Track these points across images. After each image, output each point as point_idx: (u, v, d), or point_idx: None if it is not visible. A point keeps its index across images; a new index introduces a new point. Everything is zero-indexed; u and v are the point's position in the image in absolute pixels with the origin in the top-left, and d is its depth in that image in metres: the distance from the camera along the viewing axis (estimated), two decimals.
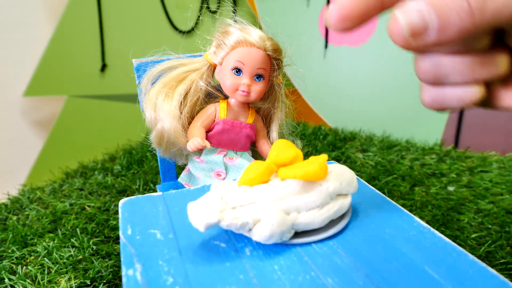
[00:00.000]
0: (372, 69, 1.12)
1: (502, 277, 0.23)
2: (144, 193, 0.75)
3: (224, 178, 0.42)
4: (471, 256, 0.25)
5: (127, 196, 0.75)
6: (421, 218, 0.66)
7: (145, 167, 0.87)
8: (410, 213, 0.30)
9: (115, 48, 1.28)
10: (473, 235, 0.61)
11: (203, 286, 0.23)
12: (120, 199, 0.74)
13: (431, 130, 1.06)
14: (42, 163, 1.16)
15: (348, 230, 0.28)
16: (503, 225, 0.63)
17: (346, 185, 0.28)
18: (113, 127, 1.29)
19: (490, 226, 0.63)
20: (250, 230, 0.25)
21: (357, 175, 0.81)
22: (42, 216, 0.69)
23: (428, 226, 0.28)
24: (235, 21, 0.42)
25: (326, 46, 1.15)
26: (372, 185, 0.75)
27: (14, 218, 0.69)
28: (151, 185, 0.78)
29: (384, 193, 0.73)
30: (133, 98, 1.35)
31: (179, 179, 0.45)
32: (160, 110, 0.41)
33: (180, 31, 1.24)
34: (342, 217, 0.29)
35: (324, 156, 0.28)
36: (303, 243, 0.26)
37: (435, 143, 1.00)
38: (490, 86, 0.22)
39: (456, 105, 0.21)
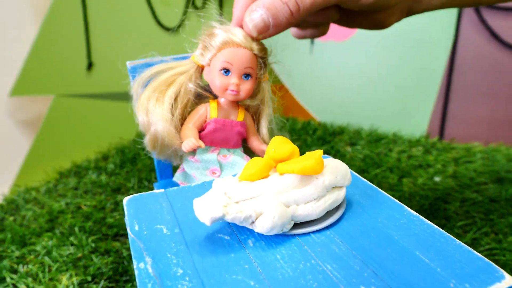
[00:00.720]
0: (359, 63, 1.15)
1: (486, 259, 0.25)
2: (139, 191, 0.76)
3: (219, 176, 0.43)
4: (457, 241, 0.27)
5: (122, 194, 0.77)
6: (410, 208, 0.68)
7: (139, 165, 0.88)
8: (400, 203, 0.32)
9: (101, 46, 1.27)
10: (459, 223, 0.63)
11: (211, 276, 0.25)
12: (115, 197, 0.75)
13: (416, 123, 1.09)
14: (31, 163, 1.15)
15: (343, 220, 0.30)
16: (487, 213, 0.66)
17: (340, 178, 0.30)
18: (103, 125, 1.28)
19: (475, 215, 0.66)
20: (252, 222, 0.27)
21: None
22: (39, 216, 0.70)
23: (417, 214, 0.30)
24: (220, 22, 0.43)
25: (312, 41, 1.17)
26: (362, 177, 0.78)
27: (11, 218, 0.70)
28: (146, 183, 0.80)
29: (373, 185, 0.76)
30: (122, 96, 1.35)
31: (174, 179, 0.46)
32: (152, 114, 0.42)
33: (166, 28, 1.24)
34: (337, 208, 0.30)
35: (319, 151, 0.29)
36: (302, 233, 0.28)
37: (421, 135, 1.03)
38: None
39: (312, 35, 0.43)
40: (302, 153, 0.31)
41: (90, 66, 1.30)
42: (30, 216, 0.70)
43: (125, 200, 0.34)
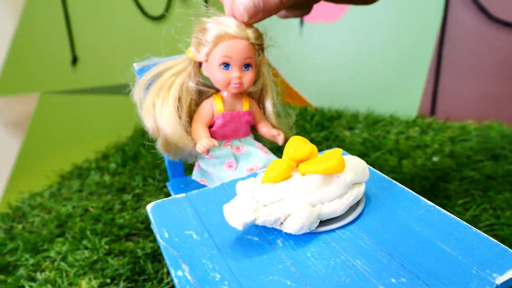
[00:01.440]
0: (349, 44, 1.15)
1: (502, 245, 0.27)
2: (145, 189, 0.77)
3: (235, 168, 0.44)
4: (474, 229, 0.28)
5: (128, 193, 0.77)
6: (412, 189, 0.70)
7: (141, 163, 0.89)
8: (416, 194, 0.33)
9: (85, 39, 1.25)
10: (459, 201, 0.66)
11: (248, 278, 0.26)
12: (121, 197, 0.75)
13: (409, 101, 1.10)
14: (22, 165, 1.14)
15: (364, 215, 0.31)
16: (485, 190, 0.69)
17: (360, 174, 0.31)
18: (96, 122, 1.27)
19: (474, 192, 0.68)
20: (281, 223, 0.28)
21: (348, 153, 0.85)
22: (47, 222, 0.70)
23: (433, 205, 0.32)
24: (208, 14, 0.42)
25: (301, 23, 1.16)
26: None
27: (20, 226, 0.70)
28: (151, 180, 0.80)
29: (375, 168, 0.77)
30: (112, 90, 1.33)
31: (193, 177, 0.46)
32: (160, 120, 0.42)
33: (150, 17, 1.23)
34: (358, 203, 0.32)
35: (339, 150, 0.31)
36: (328, 230, 0.30)
37: (416, 116, 1.05)
38: None
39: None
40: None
41: (75, 60, 1.27)
42: (39, 222, 0.71)
43: (149, 207, 0.35)
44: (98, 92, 1.30)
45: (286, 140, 0.48)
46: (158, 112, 0.42)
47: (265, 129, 0.48)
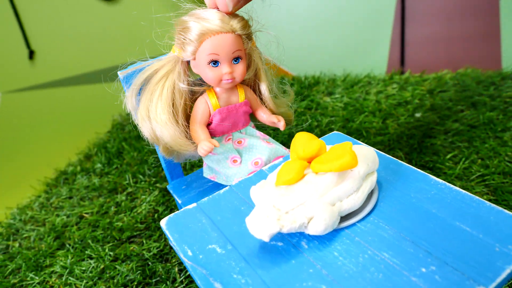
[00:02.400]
0: (315, 7, 1.13)
1: None
2: (137, 187, 0.76)
3: (240, 162, 0.43)
4: (487, 203, 0.30)
5: (120, 193, 0.76)
6: (400, 150, 0.72)
7: (127, 159, 0.87)
8: (424, 173, 0.34)
9: (39, 31, 1.19)
10: (448, 156, 0.68)
11: None
12: (115, 198, 0.74)
13: (380, 56, 1.11)
14: (2, 177, 1.10)
15: (380, 202, 0.32)
16: (470, 140, 0.71)
17: (371, 163, 0.31)
18: (69, 117, 1.22)
19: (460, 144, 0.71)
20: (305, 227, 0.28)
21: (331, 120, 0.86)
22: (44, 235, 0.69)
23: (444, 182, 0.33)
24: (184, 10, 0.40)
25: None
26: (348, 128, 0.81)
27: (16, 244, 0.68)
28: (141, 177, 0.79)
29: (362, 134, 0.79)
30: (78, 80, 1.28)
31: (204, 175, 0.46)
32: (157, 129, 0.41)
33: None
34: (372, 192, 0.32)
35: (349, 144, 0.31)
36: (349, 225, 0.30)
37: (387, 69, 1.07)
38: None
39: None
40: None
41: (31, 54, 1.22)
42: (35, 237, 0.69)
43: (163, 224, 0.34)
44: (64, 84, 1.25)
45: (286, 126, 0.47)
46: (154, 121, 0.40)
47: (264, 116, 0.47)
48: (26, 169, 0.95)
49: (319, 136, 0.80)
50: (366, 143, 0.75)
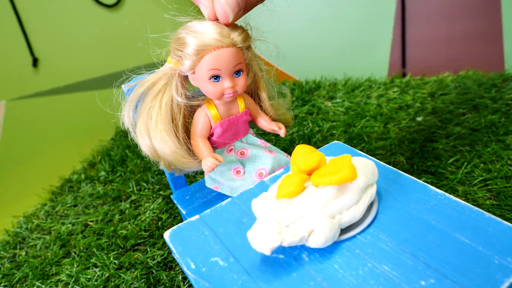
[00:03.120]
0: (315, 11, 1.14)
1: None
2: (141, 195, 0.76)
3: (243, 173, 0.43)
4: (486, 214, 0.30)
5: (124, 201, 0.77)
6: (402, 154, 0.72)
7: (130, 166, 0.87)
8: (423, 183, 0.34)
9: (42, 38, 1.20)
10: (450, 160, 0.68)
11: None
12: (119, 206, 0.75)
13: (380, 58, 1.11)
14: (8, 185, 1.11)
15: (380, 214, 0.32)
16: (472, 144, 0.71)
17: (371, 176, 0.32)
18: (73, 124, 1.23)
19: (462, 148, 0.71)
20: (306, 240, 0.29)
21: (333, 125, 0.86)
22: (50, 243, 0.69)
23: (443, 192, 0.33)
24: (179, 25, 0.38)
25: None
26: (350, 133, 0.81)
27: (23, 253, 0.69)
28: (144, 184, 0.80)
29: (363, 139, 0.79)
30: (82, 86, 1.29)
31: (206, 184, 0.46)
32: (157, 147, 0.40)
33: (105, 5, 1.19)
34: (372, 203, 0.33)
35: (348, 156, 0.31)
36: (349, 237, 0.30)
37: (388, 72, 1.07)
38: None
39: None
40: None
41: (35, 62, 1.23)
42: (41, 245, 0.70)
43: (167, 236, 0.35)
44: (67, 91, 1.26)
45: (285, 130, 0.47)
46: (154, 139, 0.39)
47: (265, 123, 0.46)
48: (32, 177, 0.96)
49: (320, 142, 0.80)
50: (367, 148, 0.76)
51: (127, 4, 1.28)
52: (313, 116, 0.92)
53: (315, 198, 0.30)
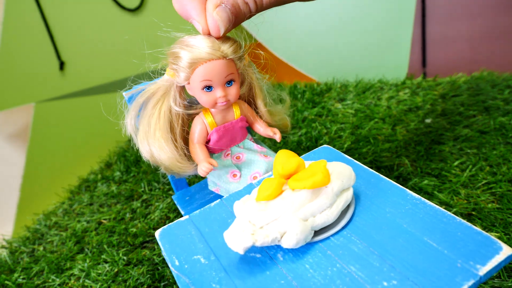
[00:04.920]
0: (333, 11, 1.14)
1: (484, 232, 0.29)
2: (152, 194, 0.80)
3: (240, 176, 0.45)
4: (458, 219, 0.31)
5: (136, 200, 0.80)
6: (407, 157, 0.72)
7: (143, 167, 0.91)
8: (402, 187, 0.35)
9: (68, 43, 1.26)
10: (455, 163, 0.68)
11: None
12: (131, 205, 0.78)
13: (400, 58, 1.10)
14: (30, 184, 1.16)
15: (355, 216, 0.33)
16: (479, 146, 0.71)
17: (346, 180, 0.33)
18: (94, 125, 1.28)
19: (468, 151, 0.70)
20: (279, 241, 0.31)
21: (341, 127, 0.86)
22: (66, 240, 0.74)
23: (419, 197, 0.34)
24: (174, 39, 0.40)
25: None
26: (357, 135, 0.81)
27: (41, 248, 0.73)
28: (155, 184, 0.83)
29: (369, 141, 0.79)
30: (105, 89, 1.35)
31: (209, 187, 0.48)
32: (155, 155, 0.42)
33: (127, 9, 1.23)
34: (348, 206, 0.34)
35: (323, 162, 0.32)
36: (323, 239, 0.32)
37: (408, 72, 1.06)
38: None
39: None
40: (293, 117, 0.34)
41: (62, 65, 1.29)
42: (58, 242, 0.74)
43: (157, 234, 0.37)
44: (91, 93, 1.32)
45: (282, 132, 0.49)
46: (153, 147, 0.42)
47: (261, 129, 0.48)
48: (53, 177, 1.01)
49: (327, 144, 0.81)
50: (373, 150, 0.76)
51: (149, 7, 1.33)
52: (322, 118, 0.93)
53: (290, 201, 0.31)
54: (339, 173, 0.33)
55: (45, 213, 0.85)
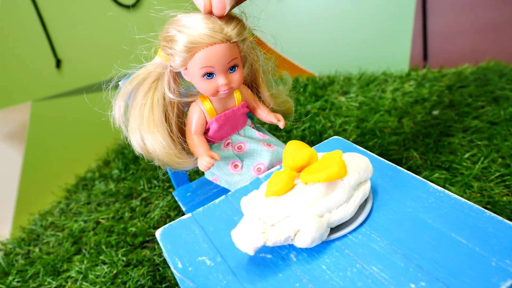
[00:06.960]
0: (331, 7, 1.12)
1: None
2: (151, 192, 0.77)
3: (241, 167, 0.42)
4: (487, 212, 0.28)
5: (135, 198, 0.77)
6: (415, 150, 0.70)
7: (142, 164, 0.88)
8: (423, 179, 0.33)
9: (65, 40, 1.23)
10: (466, 155, 0.65)
11: None
12: (130, 204, 0.75)
13: (401, 50, 1.08)
14: (28, 183, 1.14)
15: (374, 212, 0.31)
16: (490, 138, 0.68)
17: (363, 172, 0.30)
18: (91, 123, 1.25)
19: (479, 143, 0.67)
20: (292, 240, 0.28)
21: (345, 121, 0.84)
22: (62, 240, 0.71)
23: (442, 189, 0.31)
24: (167, 18, 0.36)
25: None
26: (362, 128, 0.79)
27: (37, 249, 0.70)
28: (155, 182, 0.80)
29: (376, 134, 0.76)
30: (102, 86, 1.33)
31: (205, 176, 0.45)
32: (149, 148, 0.38)
33: (125, 6, 1.21)
34: (365, 201, 0.31)
35: (339, 152, 0.30)
36: (340, 236, 0.29)
37: (410, 65, 1.03)
38: None
39: None
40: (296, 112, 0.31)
41: (58, 63, 1.26)
42: (54, 242, 0.71)
43: (158, 234, 0.34)
44: (88, 91, 1.29)
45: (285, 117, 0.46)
46: (147, 140, 0.38)
47: (263, 115, 0.45)
48: (49, 175, 0.98)
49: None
50: (380, 143, 0.74)
51: (146, 3, 1.30)
52: (326, 112, 0.90)
53: (303, 196, 0.29)
54: (355, 165, 0.30)
55: (41, 213, 0.82)
